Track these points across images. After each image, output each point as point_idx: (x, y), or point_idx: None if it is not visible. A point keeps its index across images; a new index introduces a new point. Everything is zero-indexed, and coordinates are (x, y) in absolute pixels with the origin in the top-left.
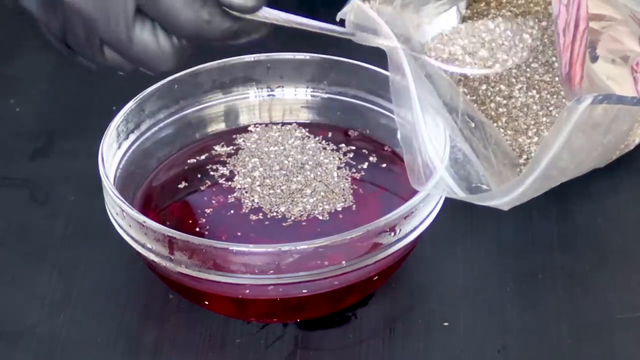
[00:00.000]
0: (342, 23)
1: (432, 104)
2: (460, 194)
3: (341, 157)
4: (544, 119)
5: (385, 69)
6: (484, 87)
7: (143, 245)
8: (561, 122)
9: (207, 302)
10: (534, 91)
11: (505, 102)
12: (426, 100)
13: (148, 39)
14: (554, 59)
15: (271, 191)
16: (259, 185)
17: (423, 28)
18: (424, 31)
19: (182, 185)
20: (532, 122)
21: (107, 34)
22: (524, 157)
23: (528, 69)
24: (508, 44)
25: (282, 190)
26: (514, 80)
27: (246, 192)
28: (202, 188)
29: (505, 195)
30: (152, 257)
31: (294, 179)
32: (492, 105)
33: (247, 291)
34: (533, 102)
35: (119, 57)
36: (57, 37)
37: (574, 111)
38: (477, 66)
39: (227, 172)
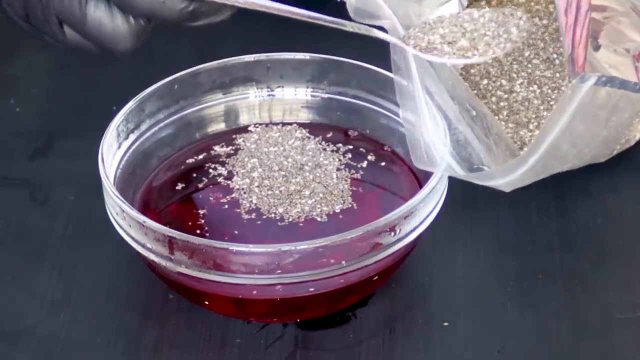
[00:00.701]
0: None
1: (434, 89)
2: (461, 172)
3: (341, 157)
4: (545, 112)
5: (385, 69)
6: (485, 81)
7: (143, 245)
8: (565, 101)
9: (207, 302)
10: (535, 86)
11: (506, 96)
12: (429, 86)
13: (103, 16)
14: (554, 55)
15: (270, 192)
16: (257, 186)
17: (424, 18)
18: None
19: (182, 185)
20: (534, 116)
21: (61, 10)
22: (525, 149)
23: (529, 65)
24: (491, 34)
25: (280, 192)
26: (515, 75)
27: (245, 192)
28: (202, 188)
29: (506, 175)
30: (152, 257)
31: (293, 180)
32: (494, 99)
33: (247, 291)
34: (534, 97)
35: (79, 36)
36: (20, 16)
37: (578, 90)
38: (456, 56)
39: (226, 173)
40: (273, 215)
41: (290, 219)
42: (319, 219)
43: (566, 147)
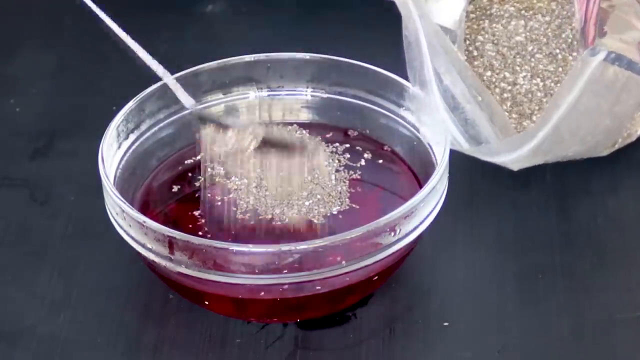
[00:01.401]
0: None
1: (443, 70)
2: (466, 146)
3: (340, 158)
4: (548, 105)
5: (385, 69)
6: (489, 73)
7: (143, 245)
8: (574, 75)
9: (207, 302)
10: (538, 79)
11: (510, 88)
12: (438, 67)
13: None
14: (557, 51)
15: (267, 193)
16: (255, 187)
17: (430, 5)
18: (431, 8)
19: (182, 185)
20: (537, 108)
21: None
22: (533, 125)
23: (532, 59)
24: None
25: (278, 193)
26: (518, 68)
27: (242, 193)
28: (202, 189)
29: (512, 151)
30: (152, 257)
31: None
32: (497, 90)
33: (247, 291)
34: (537, 90)
35: None
36: None
37: (588, 63)
38: None
39: (225, 173)
40: (270, 216)
41: (287, 220)
42: (316, 221)
43: (573, 126)
